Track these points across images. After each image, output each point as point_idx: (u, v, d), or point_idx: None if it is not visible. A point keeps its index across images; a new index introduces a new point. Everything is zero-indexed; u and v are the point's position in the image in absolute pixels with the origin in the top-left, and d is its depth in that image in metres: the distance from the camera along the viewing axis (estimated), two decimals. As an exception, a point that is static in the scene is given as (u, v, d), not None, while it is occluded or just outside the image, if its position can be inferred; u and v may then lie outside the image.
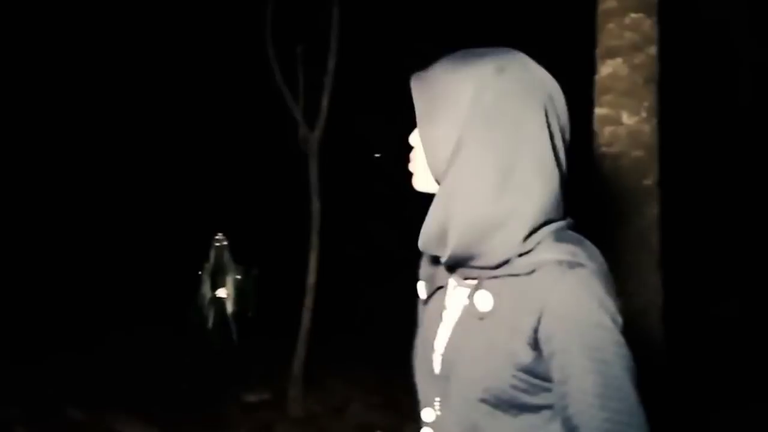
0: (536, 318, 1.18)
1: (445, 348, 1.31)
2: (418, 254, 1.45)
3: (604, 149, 3.85)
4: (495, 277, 1.24)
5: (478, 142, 1.20)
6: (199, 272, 8.74)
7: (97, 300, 10.23)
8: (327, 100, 6.73)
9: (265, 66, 6.96)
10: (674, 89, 4.42)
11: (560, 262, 1.18)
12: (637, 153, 3.77)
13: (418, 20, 9.08)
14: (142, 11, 9.99)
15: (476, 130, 1.20)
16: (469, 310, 1.27)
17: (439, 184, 1.26)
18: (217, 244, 8.86)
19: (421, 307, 1.47)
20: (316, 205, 6.69)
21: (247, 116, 10.48)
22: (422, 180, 1.32)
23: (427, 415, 1.34)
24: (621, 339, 1.21)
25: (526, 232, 1.21)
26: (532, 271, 1.20)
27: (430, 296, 1.41)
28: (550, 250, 1.20)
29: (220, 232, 8.84)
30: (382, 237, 9.55)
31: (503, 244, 1.21)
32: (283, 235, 9.56)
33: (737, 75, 8.83)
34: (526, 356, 1.20)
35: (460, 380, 1.26)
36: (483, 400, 1.22)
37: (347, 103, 7.85)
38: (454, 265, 1.31)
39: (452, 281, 1.38)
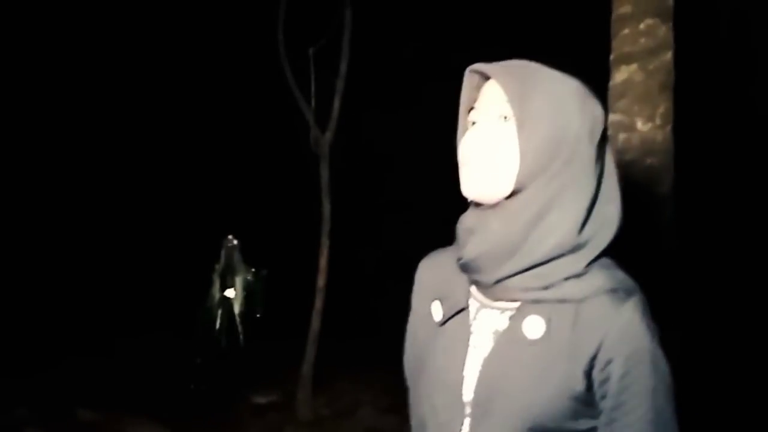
0: (596, 347, 1.18)
1: (481, 374, 1.25)
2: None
3: (617, 156, 3.83)
4: (539, 300, 1.22)
5: (580, 171, 1.20)
6: (210, 273, 8.75)
7: (107, 302, 10.24)
8: (339, 102, 6.72)
9: (277, 68, 6.96)
10: (690, 96, 4.38)
11: (615, 290, 1.20)
12: (652, 160, 3.73)
13: (430, 23, 9.06)
14: (156, 12, 9.99)
15: (580, 159, 1.20)
16: (512, 335, 1.22)
17: (512, 195, 1.21)
18: (228, 245, 8.87)
19: (424, 327, 1.37)
20: (326, 207, 6.69)
21: (259, 118, 10.48)
22: (491, 187, 1.21)
23: None
24: (669, 368, 1.23)
25: (591, 258, 1.22)
26: (584, 298, 1.20)
27: (449, 318, 1.33)
28: (600, 277, 1.21)
29: (231, 233, 8.85)
30: (393, 240, 9.52)
31: (566, 268, 1.21)
32: (294, 237, 9.55)
33: (754, 81, 8.75)
34: (580, 384, 1.19)
35: (505, 408, 1.21)
36: (530, 429, 1.19)
37: (359, 106, 7.85)
38: (490, 285, 1.25)
39: (474, 302, 1.31)
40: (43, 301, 10.03)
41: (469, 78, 1.28)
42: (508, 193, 1.21)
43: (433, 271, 1.41)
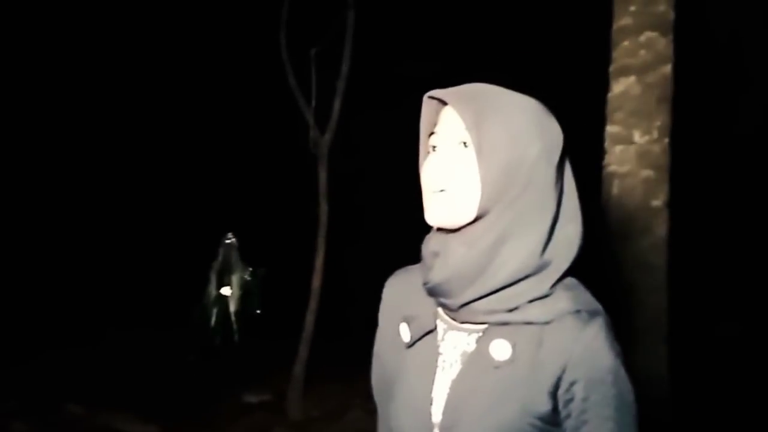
0: (561, 368, 1.19)
1: (449, 396, 1.26)
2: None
3: (613, 168, 3.83)
4: (505, 323, 1.22)
5: (540, 193, 1.21)
6: (207, 271, 8.75)
7: (102, 297, 10.24)
8: (339, 103, 6.72)
9: (278, 68, 6.96)
10: (686, 109, 4.38)
11: (579, 312, 1.21)
12: (647, 173, 3.75)
13: (432, 26, 9.06)
14: (157, 12, 10.00)
15: (540, 182, 1.20)
16: (479, 358, 1.23)
17: (476, 221, 1.21)
18: (227, 243, 8.88)
19: (392, 348, 1.38)
20: (323, 209, 6.69)
21: (259, 118, 10.47)
22: (455, 214, 1.22)
23: None
24: (632, 387, 1.25)
25: (555, 279, 1.23)
26: (549, 321, 1.21)
27: (416, 340, 1.33)
28: (564, 299, 1.23)
29: (230, 232, 8.85)
30: (389, 242, 9.53)
31: (531, 290, 1.22)
32: (292, 237, 9.55)
33: (748, 95, 8.77)
34: (545, 405, 1.20)
35: (471, 429, 1.22)
36: None
37: (359, 107, 7.84)
38: (455, 308, 1.26)
39: (441, 323, 1.31)
40: (36, 294, 10.03)
41: (427, 103, 1.29)
42: (471, 219, 1.22)
43: (400, 291, 1.41)
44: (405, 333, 1.35)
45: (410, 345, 1.33)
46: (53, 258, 10.94)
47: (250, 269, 8.75)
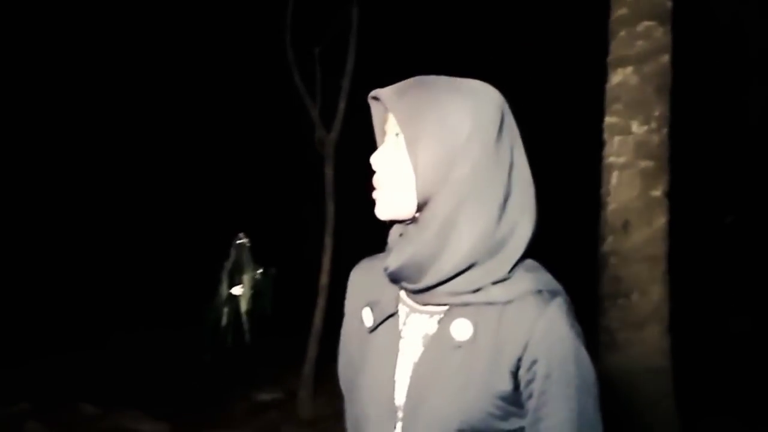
0: (522, 347, 1.20)
1: (412, 378, 1.27)
2: None
3: (612, 159, 3.81)
4: (467, 304, 1.23)
5: (480, 174, 1.21)
6: (219, 271, 8.79)
7: (112, 297, 10.33)
8: (344, 102, 6.72)
9: (283, 67, 6.98)
10: (685, 98, 4.33)
11: (540, 292, 1.22)
12: (646, 163, 3.72)
13: (435, 23, 9.05)
14: (162, 12, 10.06)
15: (477, 162, 1.20)
16: (441, 339, 1.24)
17: (419, 211, 1.23)
18: (238, 243, 8.90)
19: (356, 335, 1.39)
20: (330, 207, 6.69)
21: (266, 118, 10.51)
22: (398, 207, 1.25)
23: None
24: (593, 367, 1.24)
25: (514, 261, 1.23)
26: (510, 301, 1.21)
27: (378, 324, 1.34)
28: (526, 279, 1.23)
29: (241, 232, 8.88)
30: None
31: (492, 272, 1.22)
32: (299, 236, 9.58)
33: (750, 83, 8.66)
34: (507, 384, 1.20)
35: (434, 411, 1.22)
36: (459, 430, 1.21)
37: (365, 106, 7.83)
38: (418, 292, 1.27)
39: (403, 307, 1.32)
40: (49, 294, 10.13)
41: (373, 104, 1.31)
42: (413, 208, 1.24)
43: (364, 278, 1.43)
44: (367, 318, 1.36)
45: (372, 329, 1.34)
46: (65, 259, 11.05)
47: (261, 269, 8.77)
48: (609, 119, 3.85)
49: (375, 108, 1.33)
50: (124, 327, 9.23)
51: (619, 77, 3.81)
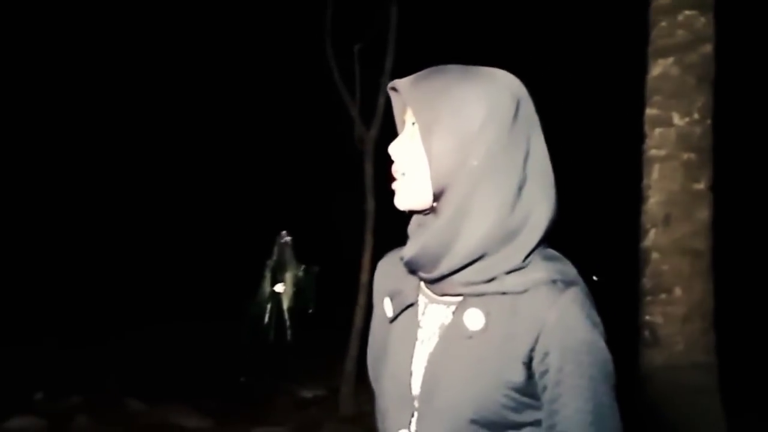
0: (534, 337, 1.18)
1: (426, 368, 1.27)
2: None
3: (653, 152, 3.74)
4: (481, 294, 1.22)
5: (494, 162, 1.20)
6: (262, 268, 8.86)
7: (163, 292, 10.50)
8: (383, 99, 6.73)
9: (323, 66, 7.02)
10: (730, 89, 4.22)
11: (554, 282, 1.20)
12: (688, 155, 3.65)
13: (474, 18, 8.98)
14: (204, 11, 10.17)
15: (491, 150, 1.19)
16: (455, 329, 1.24)
17: (436, 200, 1.23)
18: (281, 241, 8.97)
19: (382, 325, 1.39)
20: (370, 204, 6.72)
21: (307, 116, 10.57)
22: (415, 196, 1.25)
23: None
24: (610, 357, 1.22)
25: (528, 251, 1.22)
26: (525, 290, 1.20)
27: (398, 314, 1.34)
28: (541, 269, 1.21)
29: (284, 230, 8.95)
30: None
31: (505, 261, 1.21)
32: (342, 234, 9.62)
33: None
34: (519, 375, 1.19)
35: (447, 401, 1.22)
36: (472, 421, 1.20)
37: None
38: (433, 281, 1.27)
39: (423, 298, 1.32)
40: (100, 288, 10.34)
41: (393, 95, 1.32)
42: (430, 198, 1.24)
43: (388, 269, 1.43)
44: (388, 308, 1.36)
45: (392, 319, 1.34)
46: (117, 252, 11.28)
47: (304, 267, 8.83)
48: (650, 111, 3.78)
49: (395, 98, 1.33)
50: (172, 322, 9.39)
51: (659, 68, 3.73)
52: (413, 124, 1.24)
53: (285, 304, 8.75)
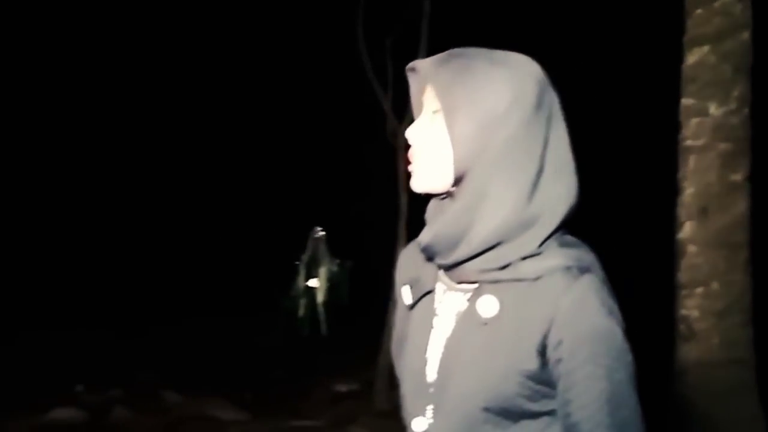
0: (547, 324, 1.16)
1: (442, 355, 1.26)
2: None
3: (689, 142, 3.67)
4: (496, 281, 1.21)
5: (515, 148, 1.18)
6: (296, 263, 8.92)
7: (198, 286, 10.62)
8: (416, 92, 6.69)
9: (355, 58, 7.02)
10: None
11: (569, 268, 1.17)
12: (725, 146, 3.57)
13: (507, 9, 8.89)
14: (238, 4, 10.20)
15: (513, 136, 1.18)
16: (469, 316, 1.22)
17: (455, 184, 1.22)
18: (315, 236, 9.01)
19: (402, 313, 1.39)
20: (403, 198, 6.71)
21: (339, 110, 10.57)
22: (434, 179, 1.23)
23: (418, 424, 1.27)
24: (627, 346, 1.19)
25: (545, 236, 1.20)
26: (539, 277, 1.18)
27: (416, 301, 1.33)
28: (557, 255, 1.19)
29: (318, 225, 8.99)
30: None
31: (520, 247, 1.19)
32: (375, 228, 9.63)
33: None
34: (533, 363, 1.17)
35: (460, 388, 1.21)
36: (485, 409, 1.19)
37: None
38: (449, 268, 1.25)
39: (441, 285, 1.31)
40: (139, 283, 10.49)
41: (411, 76, 1.29)
42: (450, 182, 1.22)
43: (408, 259, 1.42)
44: (407, 296, 1.36)
45: (411, 307, 1.34)
46: (158, 246, 11.43)
47: (337, 261, 8.86)
48: (685, 101, 3.70)
49: (413, 80, 1.30)
50: (205, 314, 9.51)
51: (695, 56, 3.65)
52: (435, 112, 1.22)
53: (319, 299, 8.79)
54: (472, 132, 1.18)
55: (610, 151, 9.70)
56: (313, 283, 8.80)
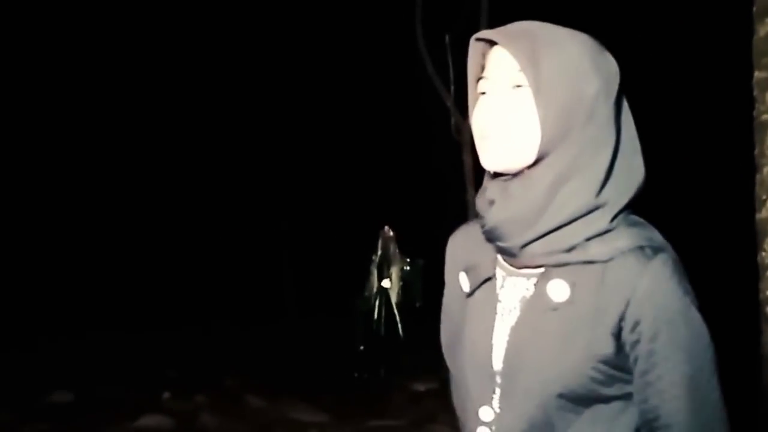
0: (623, 306, 1.14)
1: (509, 343, 1.23)
2: None
3: (765, 116, 3.51)
4: (564, 264, 1.18)
5: (599, 129, 1.17)
6: (367, 263, 8.97)
7: (274, 290, 10.81)
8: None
9: (415, 55, 7.02)
10: None
11: (642, 248, 1.15)
12: (803, 119, 3.40)
13: (566, 6, 8.70)
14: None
15: (600, 117, 1.17)
16: (538, 301, 1.20)
17: (535, 163, 1.18)
18: (385, 236, 9.04)
19: (456, 301, 1.35)
20: (470, 193, 6.67)
21: (404, 108, 10.57)
22: (513, 157, 1.18)
23: (486, 414, 1.25)
24: (706, 328, 1.16)
25: (611, 216, 1.18)
26: (611, 258, 1.15)
27: (475, 289, 1.31)
28: (626, 236, 1.17)
29: (387, 224, 9.01)
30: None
31: (589, 227, 1.17)
32: (443, 225, 9.57)
33: None
34: (608, 347, 1.15)
35: (532, 376, 1.19)
36: (560, 395, 1.17)
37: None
38: (511, 253, 1.23)
39: (500, 271, 1.28)
40: (218, 289, 10.74)
41: (474, 47, 1.25)
42: (530, 162, 1.19)
43: (461, 245, 1.40)
44: (464, 283, 1.33)
45: (470, 294, 1.31)
46: (234, 250, 11.65)
47: (409, 260, 8.86)
48: (758, 74, 3.54)
49: (474, 51, 1.25)
50: (282, 317, 9.67)
51: (767, 28, 3.50)
52: (516, 84, 1.17)
53: (393, 300, 8.81)
54: (562, 112, 1.15)
55: (680, 133, 9.43)
56: (386, 283, 8.83)
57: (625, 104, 1.21)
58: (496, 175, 1.24)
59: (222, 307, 10.05)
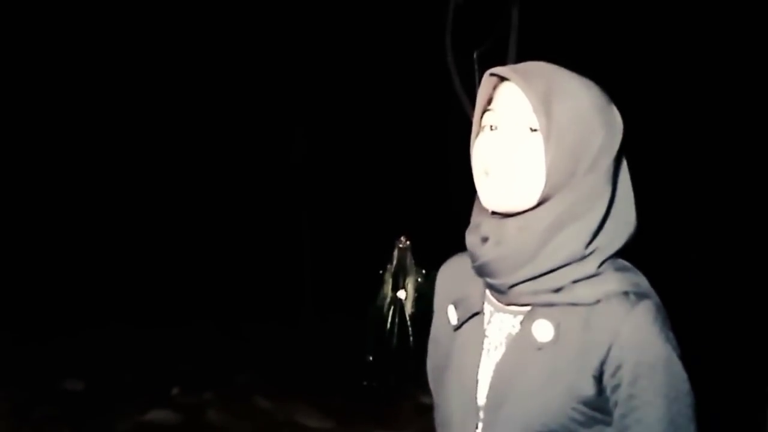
0: (605, 350, 1.17)
1: (493, 379, 1.26)
2: None
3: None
4: (551, 304, 1.20)
5: (601, 177, 1.21)
6: (381, 272, 8.96)
7: (288, 290, 10.82)
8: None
9: (443, 71, 7.02)
10: None
11: (627, 294, 1.18)
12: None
13: (598, 22, 8.71)
14: (330, 9, 10.29)
15: (603, 165, 1.20)
16: (523, 340, 1.23)
17: (538, 205, 1.22)
18: (401, 246, 9.03)
19: (444, 333, 1.39)
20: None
21: (426, 122, 10.60)
22: (518, 198, 1.22)
23: None
24: (686, 374, 1.20)
25: (601, 261, 1.22)
26: (596, 302, 1.18)
27: (463, 322, 1.34)
28: (613, 280, 1.20)
29: (404, 234, 9.01)
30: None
31: (574, 271, 1.21)
32: (460, 237, 9.57)
33: None
34: (590, 389, 1.18)
35: (514, 413, 1.21)
36: None
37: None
38: (501, 289, 1.25)
39: (488, 306, 1.31)
40: (233, 287, 10.77)
41: (487, 79, 1.29)
42: (532, 205, 1.22)
43: (450, 276, 1.44)
44: (452, 315, 1.37)
45: (457, 327, 1.35)
46: (250, 250, 11.70)
47: (424, 272, 8.85)
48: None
49: (486, 83, 1.31)
50: (294, 318, 9.69)
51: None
52: (531, 127, 1.21)
53: (408, 310, 8.81)
54: (570, 159, 1.20)
55: (718, 148, 9.30)
56: (400, 294, 8.83)
57: (624, 160, 1.25)
58: (492, 212, 1.26)
59: (240, 305, 10.10)
